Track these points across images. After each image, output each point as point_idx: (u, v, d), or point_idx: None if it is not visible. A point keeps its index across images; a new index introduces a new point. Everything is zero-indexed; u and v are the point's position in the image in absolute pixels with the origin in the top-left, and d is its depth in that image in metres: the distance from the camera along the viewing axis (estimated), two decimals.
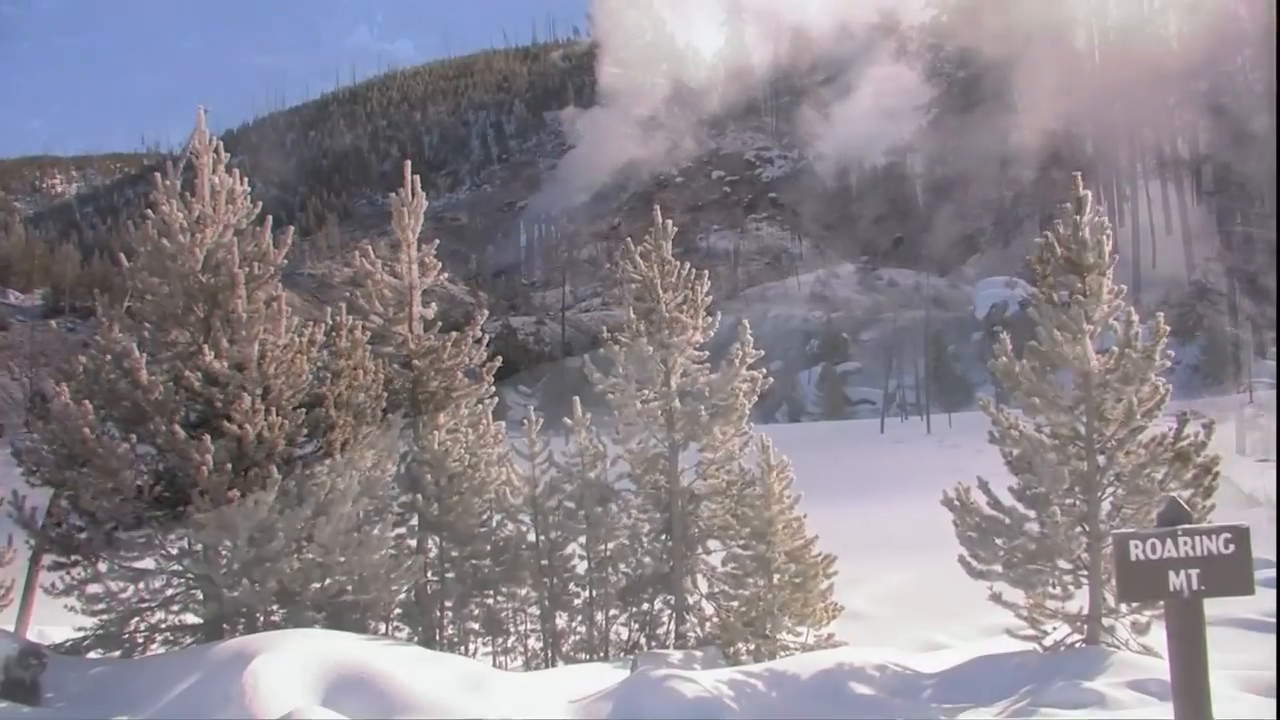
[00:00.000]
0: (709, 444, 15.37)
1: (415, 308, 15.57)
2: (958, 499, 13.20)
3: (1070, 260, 12.75)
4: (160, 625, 13.09)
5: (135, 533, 12.49)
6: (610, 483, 15.80)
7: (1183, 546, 9.09)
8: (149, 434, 12.29)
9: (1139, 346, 12.62)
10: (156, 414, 12.08)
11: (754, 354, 15.40)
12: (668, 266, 15.35)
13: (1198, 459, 12.51)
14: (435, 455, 15.11)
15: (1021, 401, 12.98)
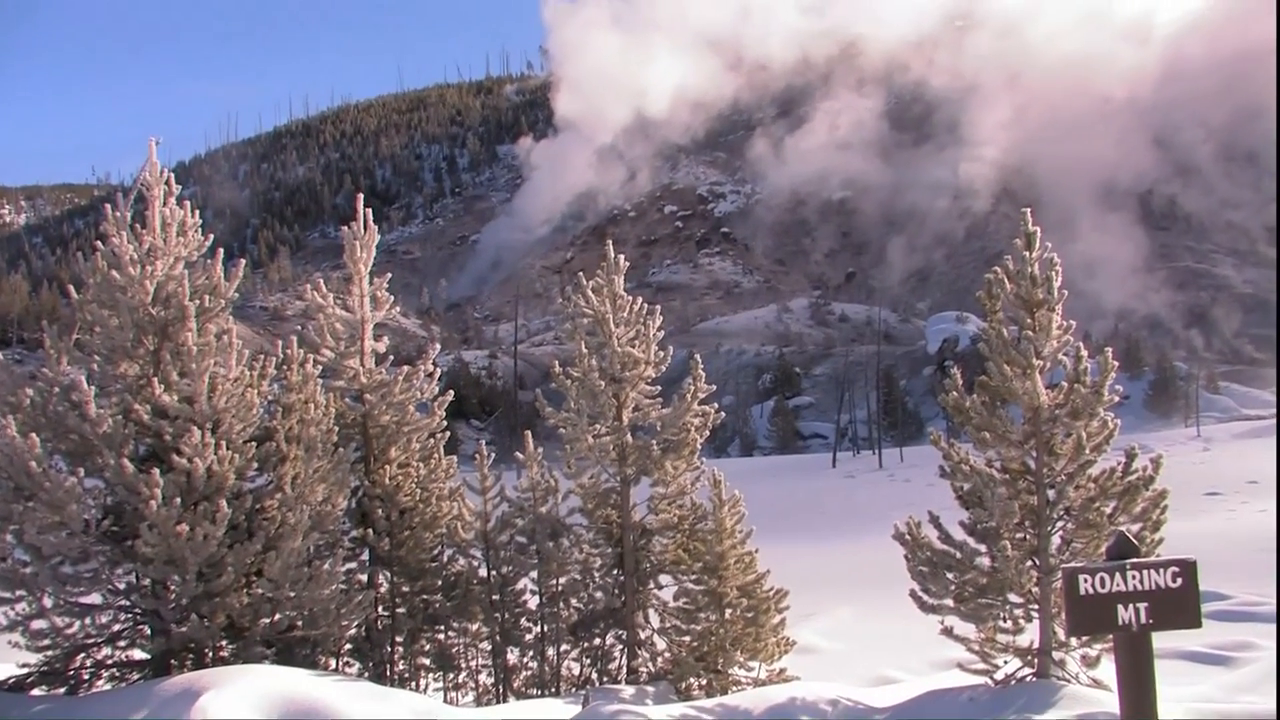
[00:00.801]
0: (661, 478, 15.36)
1: (367, 341, 15.52)
2: (908, 533, 13.24)
3: (1020, 296, 12.84)
4: (107, 661, 12.96)
5: (82, 567, 12.36)
6: (562, 517, 15.77)
7: (1131, 580, 9.16)
8: (97, 467, 12.19)
9: (1088, 381, 12.71)
10: (105, 447, 11.99)
11: (706, 388, 15.42)
12: (620, 301, 15.37)
13: (1146, 493, 12.59)
14: (386, 489, 15.06)
15: (972, 436, 13.04)
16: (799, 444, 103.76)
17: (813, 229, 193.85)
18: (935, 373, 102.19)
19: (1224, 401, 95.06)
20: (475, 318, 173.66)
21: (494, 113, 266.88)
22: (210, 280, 13.14)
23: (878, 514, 18.78)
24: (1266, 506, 36.38)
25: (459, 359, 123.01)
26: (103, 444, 12.03)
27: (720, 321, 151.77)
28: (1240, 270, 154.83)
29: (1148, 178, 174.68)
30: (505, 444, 20.73)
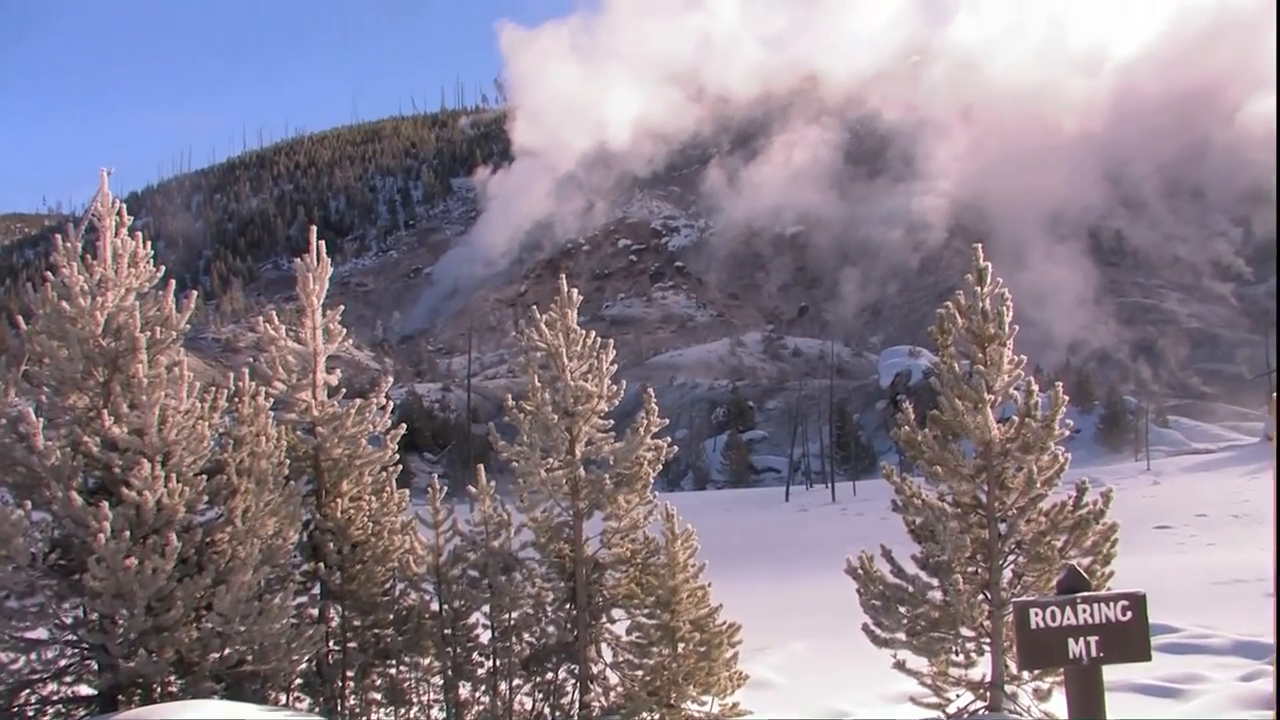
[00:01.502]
0: (613, 512, 15.33)
1: (319, 374, 15.46)
2: (861, 567, 13.27)
3: (971, 331, 12.93)
4: (53, 697, 12.82)
5: (28, 601, 12.23)
6: (514, 551, 15.71)
7: (1081, 614, 9.20)
8: (44, 500, 12.08)
9: (1039, 416, 12.80)
10: (53, 480, 11.89)
11: (659, 422, 15.41)
12: (573, 335, 15.36)
13: (1096, 526, 12.67)
14: (338, 523, 14.98)
15: (924, 470, 13.10)
16: (752, 478, 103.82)
17: (766, 263, 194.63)
18: (888, 407, 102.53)
19: (1173, 435, 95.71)
20: (429, 350, 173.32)
21: (448, 145, 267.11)
22: (162, 312, 13.07)
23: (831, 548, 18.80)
24: (1215, 540, 36.65)
25: (412, 392, 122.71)
26: (51, 476, 11.92)
27: (674, 355, 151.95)
28: (1187, 305, 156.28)
29: (1098, 212, 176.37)
30: (458, 477, 20.67)
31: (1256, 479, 57.52)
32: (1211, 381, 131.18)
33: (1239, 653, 18.42)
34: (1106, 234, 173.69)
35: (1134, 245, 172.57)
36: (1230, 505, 47.49)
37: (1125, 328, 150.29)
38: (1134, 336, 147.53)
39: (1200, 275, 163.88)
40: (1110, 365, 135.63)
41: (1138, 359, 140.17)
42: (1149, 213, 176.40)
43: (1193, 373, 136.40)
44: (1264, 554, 12.58)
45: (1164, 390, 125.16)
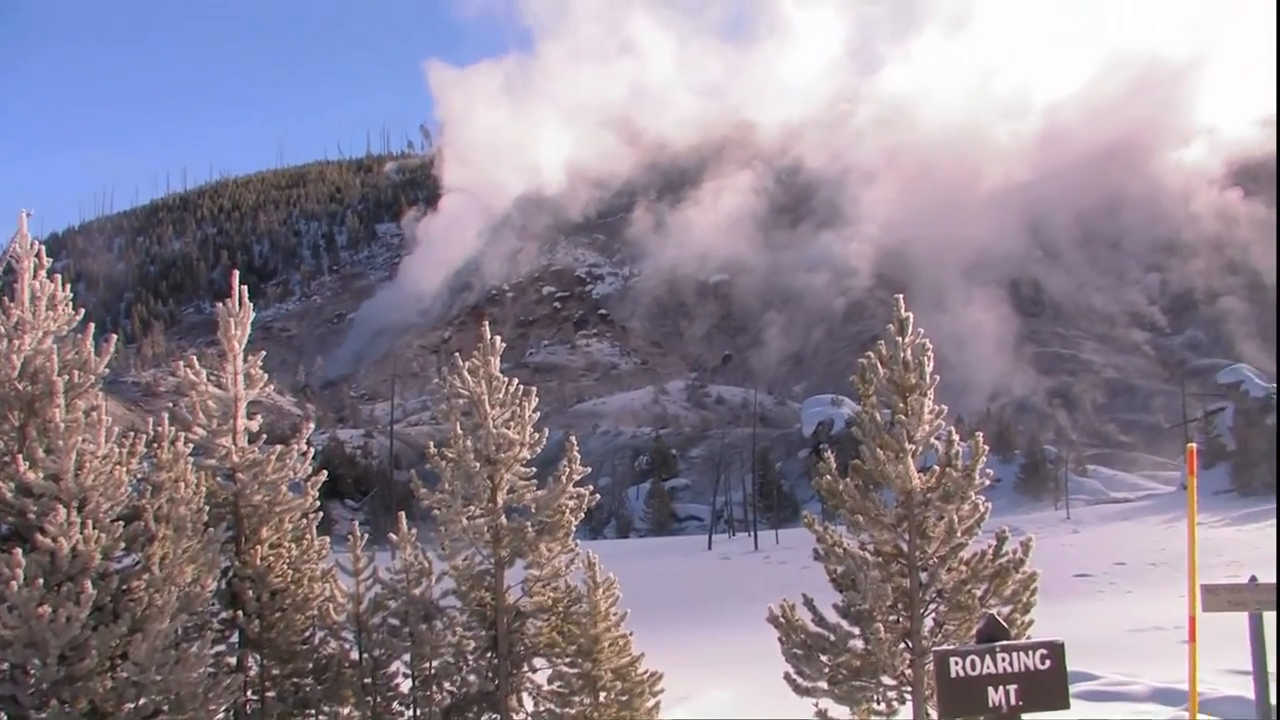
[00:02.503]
0: (535, 560, 15.29)
1: (240, 419, 15.33)
2: (783, 616, 13.29)
3: (893, 380, 13.02)
4: None
5: None
6: (435, 599, 15.61)
7: (1001, 663, 9.23)
8: None
9: (959, 465, 12.90)
10: None
11: (581, 470, 15.40)
12: (495, 382, 15.33)
13: (1016, 575, 12.77)
14: (257, 570, 14.83)
15: (846, 519, 13.16)
16: (675, 526, 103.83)
17: (691, 310, 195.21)
18: (811, 455, 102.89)
19: (1092, 484, 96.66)
20: (351, 396, 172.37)
21: (374, 190, 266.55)
22: (80, 355, 12.92)
23: (753, 596, 18.83)
24: (1134, 588, 37.05)
25: (334, 438, 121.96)
26: None
27: (597, 403, 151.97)
28: (1105, 355, 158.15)
29: (1019, 261, 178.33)
30: (380, 524, 20.57)
31: (1173, 527, 58.29)
32: (1129, 431, 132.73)
33: (1157, 699, 18.60)
34: (1027, 283, 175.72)
35: (1053, 295, 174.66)
36: (1148, 554, 48.11)
37: (1045, 376, 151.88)
38: (1053, 385, 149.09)
39: (1117, 325, 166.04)
40: (1030, 414, 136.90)
41: (1057, 408, 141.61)
42: (1068, 263, 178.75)
43: (1111, 422, 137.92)
44: (1181, 601, 12.71)
45: (1083, 439, 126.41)
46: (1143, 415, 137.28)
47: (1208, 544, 45.72)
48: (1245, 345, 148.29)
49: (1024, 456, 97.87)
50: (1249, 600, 12.84)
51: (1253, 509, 70.07)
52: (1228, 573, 30.93)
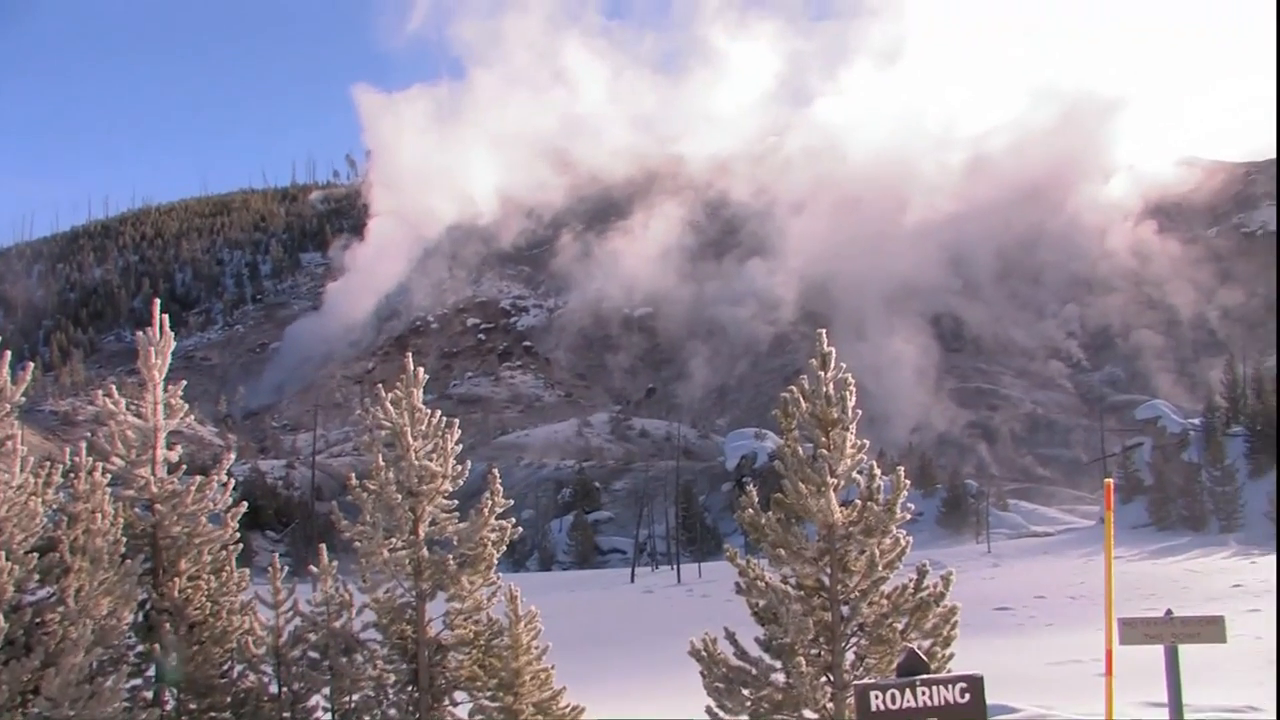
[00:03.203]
0: (457, 593, 15.21)
1: (159, 450, 15.19)
2: (705, 649, 13.29)
3: (815, 414, 13.08)
4: None
5: None
6: (356, 632, 15.51)
7: (921, 696, 9.29)
8: None
9: (881, 499, 12.97)
10: None
11: (504, 503, 15.36)
12: (418, 414, 15.29)
13: (937, 609, 12.84)
14: (175, 603, 14.68)
15: (768, 552, 13.18)
16: (598, 559, 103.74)
17: (615, 343, 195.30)
18: (734, 489, 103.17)
19: (1013, 518, 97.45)
20: (273, 427, 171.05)
21: (298, 220, 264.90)
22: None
23: (675, 629, 18.82)
24: (1053, 621, 37.37)
25: (256, 469, 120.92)
26: None
27: (521, 435, 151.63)
28: (1026, 390, 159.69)
29: (942, 296, 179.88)
30: (301, 556, 20.43)
31: (1093, 561, 58.91)
32: (1049, 465, 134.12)
33: None
34: (949, 316, 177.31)
35: (974, 329, 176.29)
36: (1067, 587, 48.56)
37: (966, 410, 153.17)
38: (974, 419, 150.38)
39: (1038, 360, 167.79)
40: (952, 448, 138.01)
41: (978, 441, 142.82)
42: (990, 297, 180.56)
43: (1031, 456, 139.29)
44: (1099, 634, 12.88)
45: (1004, 474, 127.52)
46: (1062, 450, 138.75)
47: (1125, 578, 46.31)
48: (1162, 380, 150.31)
49: (945, 491, 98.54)
50: (1164, 633, 13.02)
51: (1169, 543, 71.00)
52: (1145, 606, 31.24)
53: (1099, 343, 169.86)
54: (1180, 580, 49.72)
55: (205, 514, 15.23)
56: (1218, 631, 13.16)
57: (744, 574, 13.18)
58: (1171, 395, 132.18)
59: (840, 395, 13.07)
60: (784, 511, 13.11)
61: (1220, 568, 55.66)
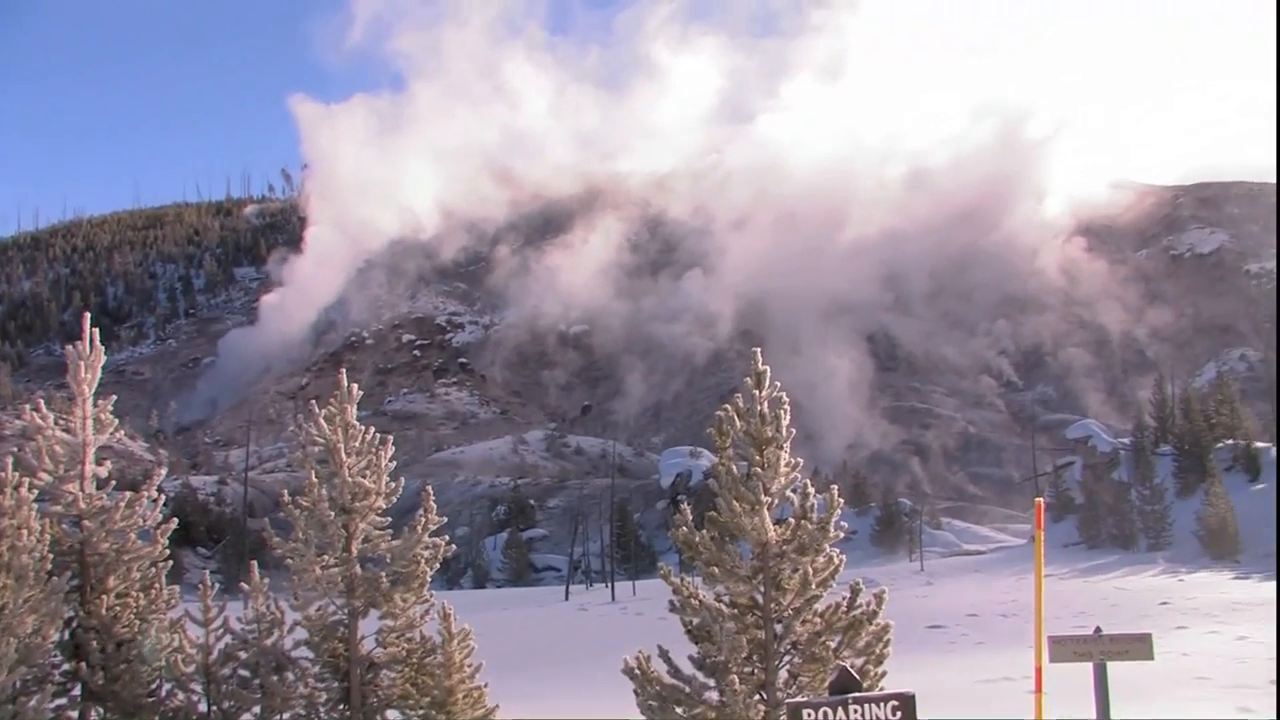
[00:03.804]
0: (389, 611, 15.13)
1: (88, 465, 15.03)
2: (638, 667, 13.26)
3: (749, 433, 13.10)
4: None
5: None
6: (287, 650, 15.40)
7: (853, 714, 9.31)
8: None
9: (815, 518, 13.00)
10: None
11: (437, 520, 15.30)
12: (352, 430, 15.21)
13: (870, 627, 12.88)
14: (102, 620, 14.52)
15: (702, 571, 13.18)
16: (532, 576, 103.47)
17: (551, 360, 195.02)
18: (668, 507, 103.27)
19: (945, 537, 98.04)
20: (206, 442, 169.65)
21: (233, 234, 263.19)
22: None
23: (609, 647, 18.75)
24: (985, 639, 37.56)
25: (187, 484, 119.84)
26: None
27: (456, 452, 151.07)
28: (959, 409, 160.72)
29: (877, 314, 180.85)
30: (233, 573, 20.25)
31: (1024, 579, 59.19)
32: (982, 484, 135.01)
33: None
34: (883, 335, 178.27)
35: (908, 347, 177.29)
36: (999, 605, 48.82)
37: (900, 428, 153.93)
38: (908, 438, 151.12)
39: (969, 378, 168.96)
40: (885, 466, 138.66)
41: (910, 458, 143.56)
42: (924, 315, 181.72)
43: (964, 475, 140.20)
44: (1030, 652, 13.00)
45: (937, 492, 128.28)
46: (995, 469, 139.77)
47: (1056, 596, 46.69)
48: (1092, 400, 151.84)
49: (879, 509, 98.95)
50: (1093, 651, 13.13)
51: (1099, 561, 71.60)
52: (1075, 624, 31.49)
53: (1031, 362, 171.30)
54: (1110, 598, 50.13)
55: (135, 530, 15.08)
56: (1145, 649, 13.30)
57: (678, 592, 13.17)
58: (1101, 414, 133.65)
59: (775, 414, 13.10)
60: (718, 530, 13.11)
61: (1149, 586, 56.15)
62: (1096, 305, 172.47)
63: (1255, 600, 44.97)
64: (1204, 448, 78.45)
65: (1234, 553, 66.04)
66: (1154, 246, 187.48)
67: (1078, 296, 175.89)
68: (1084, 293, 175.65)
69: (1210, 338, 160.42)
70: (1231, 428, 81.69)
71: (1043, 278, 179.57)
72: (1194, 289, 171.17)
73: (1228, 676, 25.22)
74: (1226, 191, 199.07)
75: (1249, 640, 32.33)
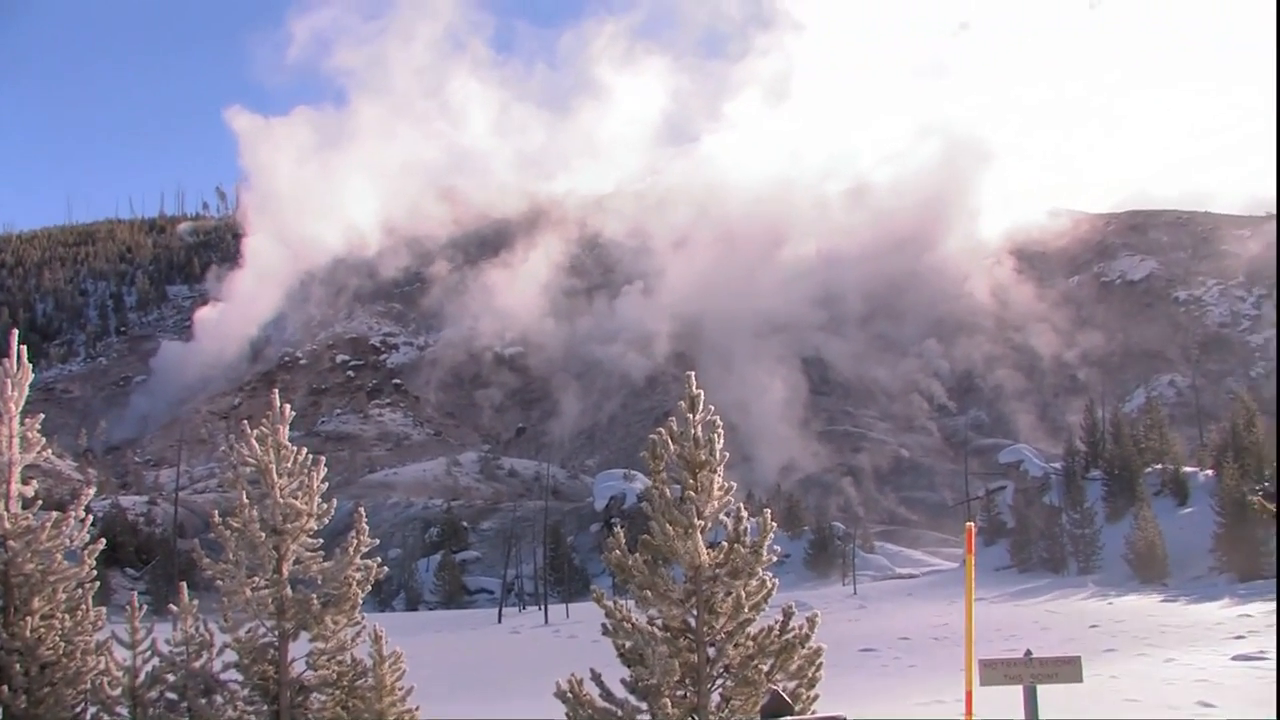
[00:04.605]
0: (320, 633, 15.00)
1: (14, 485, 14.82)
2: (571, 690, 13.22)
3: (683, 457, 13.10)
4: None
5: None
6: (216, 673, 15.23)
7: None
8: None
9: (748, 541, 13.01)
10: None
11: (369, 541, 15.20)
12: (284, 451, 15.09)
13: (802, 650, 12.89)
14: (26, 643, 14.31)
15: (635, 594, 13.16)
16: (465, 599, 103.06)
17: (486, 381, 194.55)
18: (602, 530, 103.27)
19: (879, 560, 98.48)
20: (136, 462, 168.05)
21: (166, 251, 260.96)
22: None
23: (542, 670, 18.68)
24: (916, 662, 37.73)
25: (116, 504, 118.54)
26: None
27: (389, 473, 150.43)
28: (893, 434, 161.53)
29: (813, 338, 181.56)
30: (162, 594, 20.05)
31: (956, 603, 59.49)
32: (915, 508, 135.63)
33: None
34: (818, 358, 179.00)
35: (842, 371, 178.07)
36: (931, 628, 49.06)
37: (834, 452, 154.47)
38: (842, 461, 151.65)
39: (903, 403, 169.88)
40: (819, 489, 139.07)
41: (845, 482, 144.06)
42: (858, 339, 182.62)
43: (897, 499, 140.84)
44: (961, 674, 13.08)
45: (870, 516, 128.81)
46: (928, 493, 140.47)
47: (988, 619, 46.99)
48: (1023, 424, 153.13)
49: (812, 532, 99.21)
50: (1024, 674, 13.22)
51: (1030, 584, 72.10)
52: (1006, 647, 31.66)
53: (964, 386, 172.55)
54: (1041, 621, 50.48)
55: (61, 551, 14.88)
56: (1074, 672, 13.41)
57: (611, 615, 13.14)
58: (1033, 438, 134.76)
59: (708, 438, 13.12)
60: (651, 553, 13.11)
61: (1078, 609, 56.59)
62: (1028, 329, 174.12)
63: (1183, 623, 45.38)
64: (1133, 472, 79.20)
65: (1162, 576, 66.65)
66: (1086, 273, 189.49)
67: (1010, 320, 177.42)
68: (1016, 317, 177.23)
69: (1140, 364, 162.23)
70: (1160, 452, 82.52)
71: (975, 301, 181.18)
72: (1124, 315, 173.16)
73: (1156, 698, 25.42)
74: (1156, 219, 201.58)
75: (1176, 663, 32.61)
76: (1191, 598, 56.89)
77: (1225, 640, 37.74)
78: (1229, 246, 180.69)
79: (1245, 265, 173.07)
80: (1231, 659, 32.58)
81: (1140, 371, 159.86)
